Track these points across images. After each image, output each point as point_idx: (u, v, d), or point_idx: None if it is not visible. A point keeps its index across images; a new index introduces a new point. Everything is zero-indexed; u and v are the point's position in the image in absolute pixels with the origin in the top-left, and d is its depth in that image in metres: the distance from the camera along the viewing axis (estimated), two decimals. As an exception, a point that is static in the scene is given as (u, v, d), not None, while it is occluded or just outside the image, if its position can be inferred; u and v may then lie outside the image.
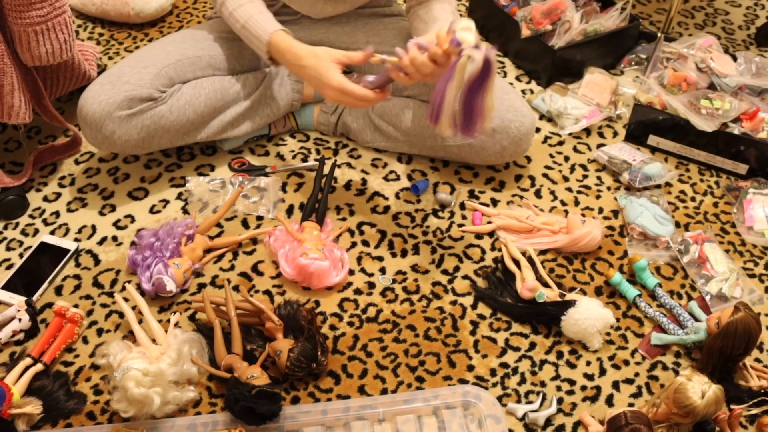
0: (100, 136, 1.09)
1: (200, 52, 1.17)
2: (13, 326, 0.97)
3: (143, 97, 1.08)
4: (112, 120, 1.07)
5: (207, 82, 1.17)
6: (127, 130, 1.09)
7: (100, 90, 1.07)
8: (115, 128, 1.08)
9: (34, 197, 1.19)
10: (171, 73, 1.12)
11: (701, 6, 1.75)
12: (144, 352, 0.91)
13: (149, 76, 1.09)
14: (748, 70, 1.34)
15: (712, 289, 1.07)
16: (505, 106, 1.15)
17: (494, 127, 1.15)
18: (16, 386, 0.89)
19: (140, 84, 1.08)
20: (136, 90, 1.07)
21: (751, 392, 0.95)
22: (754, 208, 1.20)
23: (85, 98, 1.08)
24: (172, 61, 1.13)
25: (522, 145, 1.18)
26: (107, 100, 1.06)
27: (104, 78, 1.10)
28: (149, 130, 1.11)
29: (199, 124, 1.17)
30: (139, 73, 1.09)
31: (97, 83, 1.09)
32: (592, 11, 1.48)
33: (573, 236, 1.11)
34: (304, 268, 1.02)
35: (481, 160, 1.21)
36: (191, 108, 1.14)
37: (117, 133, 1.08)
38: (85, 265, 1.09)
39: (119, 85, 1.07)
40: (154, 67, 1.11)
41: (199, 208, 1.17)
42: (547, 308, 1.01)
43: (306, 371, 0.93)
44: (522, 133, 1.16)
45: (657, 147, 1.33)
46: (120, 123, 1.08)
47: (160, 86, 1.11)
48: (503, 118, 1.15)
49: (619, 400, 0.95)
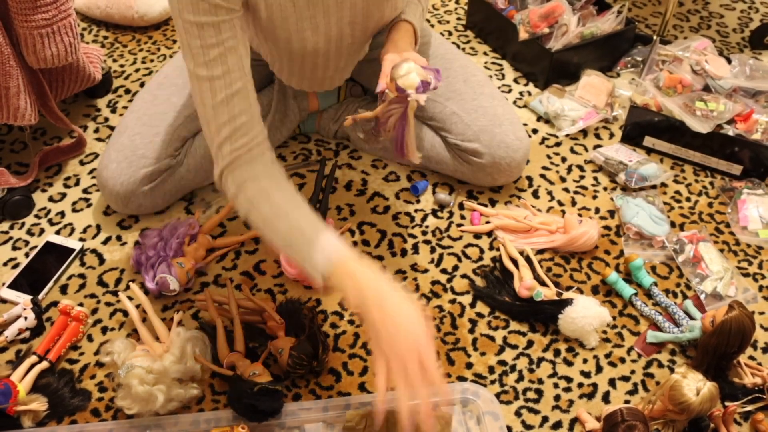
0: (128, 210, 1.12)
1: None
2: (19, 324, 0.98)
3: (161, 170, 1.10)
4: (137, 196, 1.09)
5: None
6: (153, 200, 1.12)
7: (118, 169, 1.08)
8: (141, 201, 1.11)
9: (40, 197, 1.20)
10: (182, 133, 1.12)
11: (696, 9, 1.76)
12: (148, 350, 0.92)
13: (163, 146, 1.09)
14: (742, 73, 1.35)
15: (707, 287, 1.08)
16: (496, 142, 1.13)
17: (485, 163, 1.15)
18: (21, 383, 0.90)
19: (156, 157, 1.09)
20: (153, 165, 1.09)
21: (746, 389, 0.95)
22: (748, 208, 1.21)
23: (106, 178, 1.08)
24: (182, 120, 1.12)
25: (514, 175, 1.19)
26: (128, 180, 1.08)
27: (119, 153, 1.08)
28: (172, 192, 1.14)
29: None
30: (152, 144, 1.09)
31: (113, 160, 1.08)
32: (588, 14, 1.48)
33: (570, 236, 1.12)
34: (305, 267, 1.04)
35: (476, 182, 1.21)
36: (207, 160, 1.13)
37: (144, 204, 1.12)
38: (89, 264, 1.10)
39: (135, 161, 1.08)
40: (166, 133, 1.10)
41: (203, 209, 1.19)
42: (545, 307, 1.02)
43: (307, 369, 0.93)
44: (513, 167, 1.16)
45: (652, 148, 1.34)
46: (144, 197, 1.10)
47: (174, 151, 1.11)
48: (494, 155, 1.14)
49: (615, 397, 0.96)
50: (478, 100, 1.16)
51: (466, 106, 1.15)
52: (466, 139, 1.14)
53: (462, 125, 1.15)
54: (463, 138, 1.15)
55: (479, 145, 1.14)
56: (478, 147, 1.14)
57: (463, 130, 1.14)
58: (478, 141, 1.14)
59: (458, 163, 1.18)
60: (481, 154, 1.14)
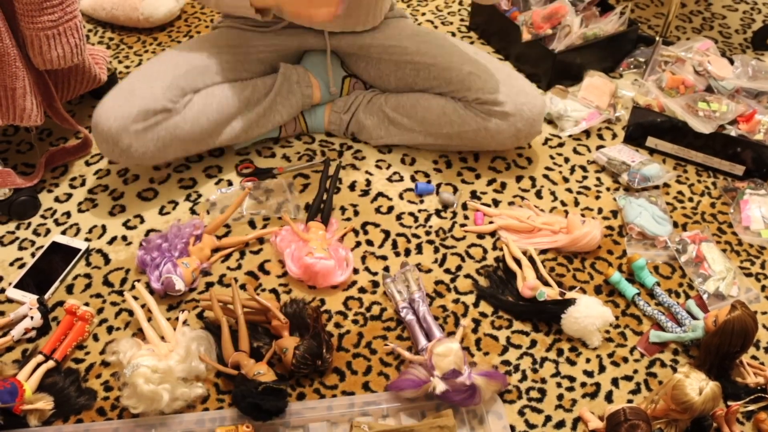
0: (117, 150, 1.10)
1: (207, 61, 1.18)
2: (26, 324, 0.98)
3: (157, 109, 1.10)
4: (128, 134, 1.08)
5: (217, 90, 1.18)
6: (144, 143, 1.10)
7: (113, 105, 1.08)
8: (132, 141, 1.09)
9: (46, 198, 1.21)
10: (182, 84, 1.13)
11: (698, 10, 1.77)
12: (153, 349, 0.92)
13: (161, 89, 1.10)
14: (744, 73, 1.35)
15: (710, 287, 1.09)
16: (516, 90, 1.18)
17: (508, 111, 1.18)
18: (28, 383, 0.90)
19: (153, 97, 1.09)
20: (149, 103, 1.08)
21: (748, 389, 0.96)
22: (750, 209, 1.21)
23: (99, 114, 1.08)
24: (182, 72, 1.14)
25: (536, 126, 1.21)
26: (122, 115, 1.07)
27: (116, 93, 1.10)
28: (165, 141, 1.12)
29: (212, 132, 1.18)
30: (150, 87, 1.10)
31: (109, 98, 1.10)
32: (591, 16, 1.49)
33: (573, 236, 1.13)
34: (309, 267, 1.04)
35: (498, 144, 1.23)
36: (204, 116, 1.15)
37: (134, 146, 1.09)
38: (95, 264, 1.10)
39: (132, 99, 1.08)
40: (165, 80, 1.12)
41: (206, 209, 1.19)
42: (548, 306, 1.02)
43: (311, 368, 0.94)
44: (535, 114, 1.19)
45: (655, 148, 1.34)
46: (136, 136, 1.09)
47: (173, 97, 1.12)
48: (515, 101, 1.17)
49: (618, 396, 0.96)
50: (492, 63, 1.23)
51: (481, 67, 1.21)
52: (487, 91, 1.18)
53: (481, 81, 1.19)
54: (484, 91, 1.18)
55: (500, 95, 1.18)
56: (499, 96, 1.18)
57: (482, 85, 1.19)
58: (499, 91, 1.18)
59: (481, 120, 1.20)
60: (502, 103, 1.18)
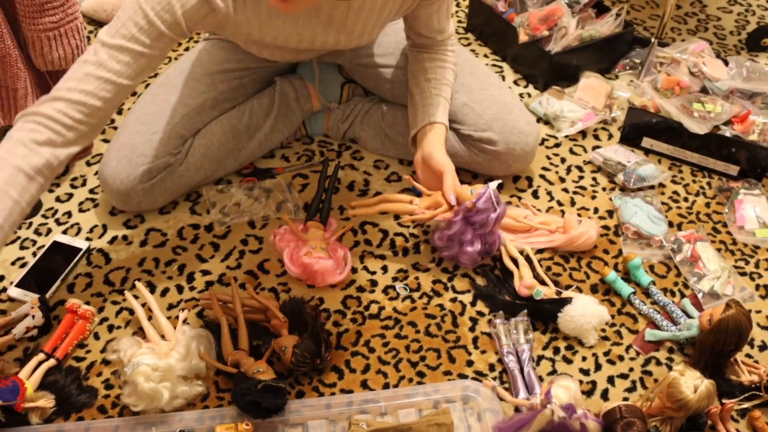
0: (129, 206, 1.14)
1: (203, 97, 1.16)
2: (27, 323, 0.98)
3: (160, 167, 1.11)
4: (136, 193, 1.11)
5: (217, 126, 1.18)
6: (152, 197, 1.13)
7: (117, 168, 1.09)
8: (141, 198, 1.12)
9: (47, 198, 1.21)
10: (181, 131, 1.14)
11: (694, 12, 1.78)
12: (153, 348, 0.92)
13: (161, 144, 1.11)
14: (739, 74, 1.36)
15: (705, 286, 1.09)
16: (509, 127, 1.16)
17: (500, 150, 1.17)
18: (29, 381, 0.91)
19: (154, 155, 1.10)
20: (152, 162, 1.10)
21: (742, 387, 0.96)
22: (745, 208, 1.22)
23: (106, 176, 1.10)
24: (179, 118, 1.14)
25: (528, 161, 1.22)
26: (127, 177, 1.09)
27: (119, 152, 1.10)
28: (172, 190, 1.15)
29: (217, 169, 1.20)
30: (150, 142, 1.11)
31: (112, 159, 1.10)
32: (587, 17, 1.50)
33: (569, 236, 1.13)
34: (308, 266, 1.04)
35: (490, 173, 1.23)
36: (207, 159, 1.16)
37: (143, 201, 1.13)
38: (96, 263, 1.11)
39: (135, 159, 1.09)
40: (163, 132, 1.12)
41: (207, 209, 1.20)
42: (544, 305, 1.03)
43: (310, 366, 0.94)
44: (527, 152, 1.19)
45: (651, 149, 1.35)
46: (144, 194, 1.12)
47: (173, 149, 1.13)
48: (507, 141, 1.16)
49: (614, 394, 0.97)
50: (486, 90, 1.19)
51: (476, 97, 1.18)
52: (480, 129, 1.17)
53: (474, 115, 1.17)
54: (476, 128, 1.17)
55: (492, 133, 1.16)
56: (492, 135, 1.16)
57: (475, 120, 1.17)
58: (491, 129, 1.16)
59: (473, 154, 1.20)
60: (495, 142, 1.17)
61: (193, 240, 1.15)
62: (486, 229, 1.06)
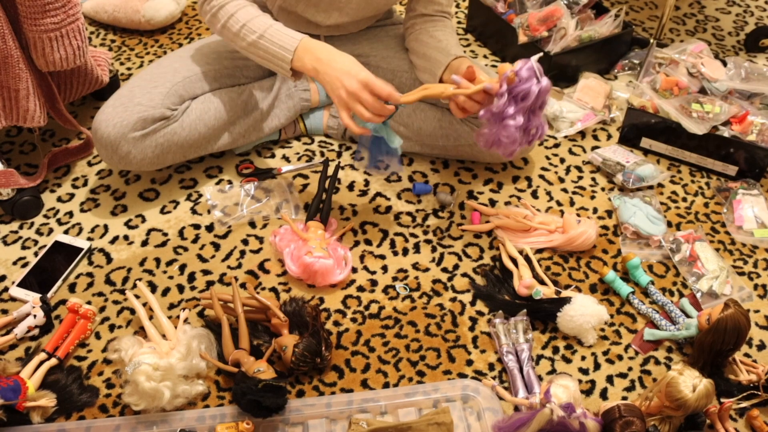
0: (116, 156, 1.11)
1: (206, 67, 1.19)
2: (29, 322, 0.99)
3: (156, 117, 1.11)
4: (126, 141, 1.10)
5: (215, 96, 1.19)
6: (142, 150, 1.12)
7: (113, 112, 1.09)
8: (130, 148, 1.11)
9: (49, 198, 1.22)
10: (180, 91, 1.15)
11: (692, 13, 1.78)
12: (154, 347, 0.93)
13: (160, 96, 1.11)
14: (737, 75, 1.37)
15: (703, 286, 1.10)
16: None
17: None
18: (31, 380, 0.91)
19: (152, 104, 1.10)
20: (148, 111, 1.10)
21: (741, 386, 0.97)
22: (743, 208, 1.22)
23: (99, 121, 1.10)
24: (180, 78, 1.15)
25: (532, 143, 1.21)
26: (121, 122, 1.09)
27: (116, 100, 1.11)
28: (163, 147, 1.14)
29: (210, 138, 1.20)
30: (149, 94, 1.11)
31: (109, 105, 1.11)
32: (586, 18, 1.50)
33: (568, 235, 1.14)
34: (308, 266, 1.05)
35: (492, 157, 1.24)
36: (202, 123, 1.17)
37: (132, 153, 1.11)
38: (97, 263, 1.11)
39: (131, 107, 1.09)
40: (164, 87, 1.13)
41: (208, 209, 1.20)
42: (544, 305, 1.03)
43: (310, 366, 0.95)
44: None
45: (649, 149, 1.35)
46: (135, 143, 1.10)
47: (171, 104, 1.13)
48: None
49: (613, 393, 0.97)
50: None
51: None
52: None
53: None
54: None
55: None
56: None
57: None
58: None
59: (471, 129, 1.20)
60: None
61: (194, 240, 1.15)
62: (528, 102, 0.98)
